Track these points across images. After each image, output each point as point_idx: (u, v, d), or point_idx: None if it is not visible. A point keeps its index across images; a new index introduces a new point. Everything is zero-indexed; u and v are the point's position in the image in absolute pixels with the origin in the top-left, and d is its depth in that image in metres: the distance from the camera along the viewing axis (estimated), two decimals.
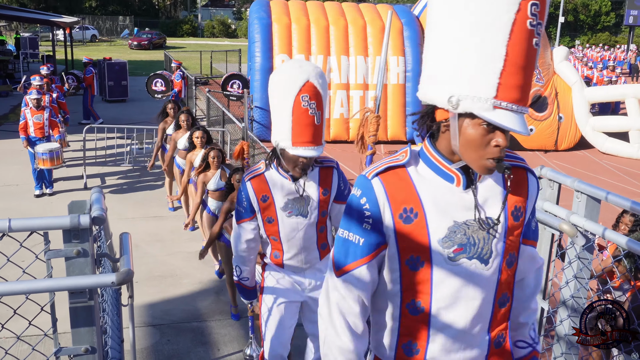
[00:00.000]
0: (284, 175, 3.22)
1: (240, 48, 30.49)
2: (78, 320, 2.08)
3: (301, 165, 3.08)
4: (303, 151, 3.00)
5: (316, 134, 3.03)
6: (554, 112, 15.12)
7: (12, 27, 43.79)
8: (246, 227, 3.35)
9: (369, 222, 1.76)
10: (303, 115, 2.97)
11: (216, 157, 6.40)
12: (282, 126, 3.03)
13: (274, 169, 3.24)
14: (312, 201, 3.28)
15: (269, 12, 14.86)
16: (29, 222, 1.99)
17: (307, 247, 3.36)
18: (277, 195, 3.22)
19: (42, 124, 9.37)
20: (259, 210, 3.28)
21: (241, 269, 3.54)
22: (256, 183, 3.25)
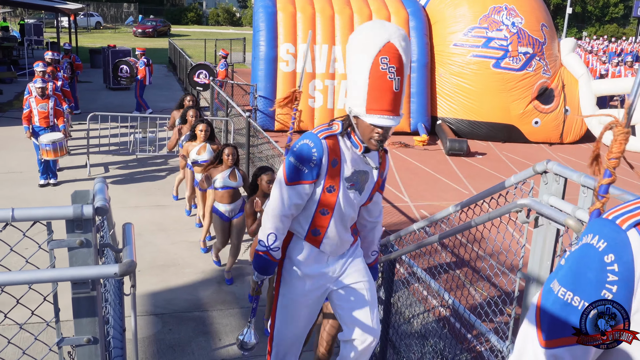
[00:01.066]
0: (356, 144, 2.95)
1: (244, 37, 30.43)
2: (80, 311, 2.08)
3: (377, 137, 2.82)
4: (378, 119, 2.76)
5: (395, 101, 2.77)
6: (560, 104, 15.05)
7: (17, 13, 43.73)
8: (301, 190, 2.96)
9: (612, 290, 1.29)
10: (381, 79, 2.72)
11: (231, 155, 6.23)
12: (358, 90, 2.78)
13: (346, 135, 2.97)
14: (372, 180, 3.08)
15: (274, 0, 14.79)
16: (32, 211, 1.98)
17: (347, 227, 3.15)
18: (346, 163, 2.96)
19: (47, 113, 9.22)
20: (325, 175, 2.95)
21: (276, 237, 3.09)
22: (330, 143, 2.93)
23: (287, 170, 2.97)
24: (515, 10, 14.86)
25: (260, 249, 3.13)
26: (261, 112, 14.23)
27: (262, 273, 3.23)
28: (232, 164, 6.26)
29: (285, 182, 2.97)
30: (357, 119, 2.85)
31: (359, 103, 2.78)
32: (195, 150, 7.09)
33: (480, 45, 14.69)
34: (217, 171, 6.23)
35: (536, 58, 14.81)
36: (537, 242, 2.99)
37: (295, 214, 3.07)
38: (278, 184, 3.02)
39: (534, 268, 3.00)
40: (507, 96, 14.69)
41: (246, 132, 9.22)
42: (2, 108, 15.28)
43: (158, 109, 15.96)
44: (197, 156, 7.09)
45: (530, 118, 14.85)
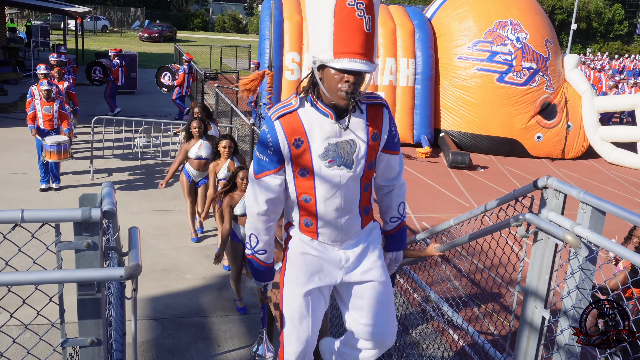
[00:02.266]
0: (323, 112, 2.55)
1: (250, 44, 30.53)
2: (85, 312, 2.12)
3: (347, 88, 2.40)
4: (349, 63, 2.35)
5: (366, 44, 2.38)
6: (563, 120, 15.10)
7: (24, 15, 43.97)
8: (269, 182, 2.65)
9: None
10: (348, 17, 2.34)
11: (245, 178, 5.60)
12: (322, 35, 2.40)
13: (310, 103, 2.58)
14: (360, 147, 2.61)
15: (281, 9, 14.88)
16: (41, 213, 2.03)
17: (348, 209, 2.70)
18: (314, 139, 2.56)
19: (51, 115, 9.20)
20: (290, 160, 2.60)
21: (257, 239, 2.80)
22: (287, 122, 2.56)
23: (253, 163, 2.72)
24: (520, 26, 14.93)
25: (247, 252, 2.90)
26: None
27: (257, 279, 2.97)
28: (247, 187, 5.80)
29: (253, 175, 2.72)
30: (322, 72, 2.46)
31: (324, 48, 2.40)
32: (225, 168, 6.66)
33: (485, 59, 14.75)
34: (234, 200, 5.65)
35: (540, 73, 14.87)
36: (535, 257, 3.03)
37: (275, 209, 2.75)
38: (250, 180, 2.78)
39: (532, 282, 3.04)
40: (510, 110, 14.74)
41: (250, 139, 9.26)
42: (6, 109, 15.35)
43: (162, 114, 16.02)
44: (228, 172, 6.56)
45: (533, 133, 14.89)
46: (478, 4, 15.28)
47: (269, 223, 2.79)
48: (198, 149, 7.40)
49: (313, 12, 2.45)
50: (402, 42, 14.96)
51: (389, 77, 14.79)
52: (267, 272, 2.94)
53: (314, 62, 2.47)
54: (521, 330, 3.11)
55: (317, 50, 2.45)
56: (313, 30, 2.47)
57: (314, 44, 2.48)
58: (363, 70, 2.38)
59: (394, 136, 2.76)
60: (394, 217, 2.97)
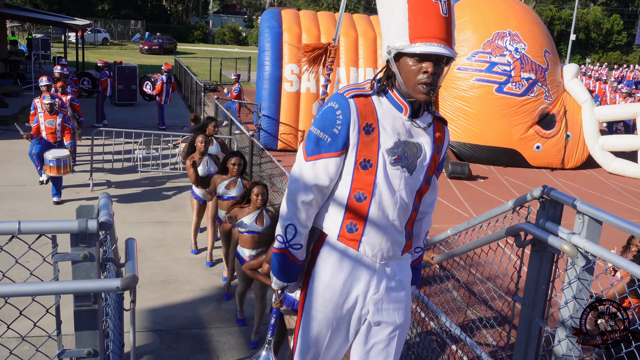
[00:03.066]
0: (398, 104, 2.34)
1: (250, 56, 30.64)
2: (82, 324, 2.12)
3: (426, 79, 2.21)
4: (427, 47, 2.17)
5: (444, 28, 2.21)
6: (562, 129, 15.12)
7: (25, 27, 44.17)
8: (324, 167, 2.33)
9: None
10: (423, 1, 2.20)
11: (260, 195, 5.40)
12: (396, 22, 2.25)
13: (385, 93, 2.36)
14: (426, 154, 2.41)
15: (280, 21, 14.95)
16: (38, 225, 2.03)
17: (398, 222, 2.41)
18: (385, 130, 2.31)
19: (55, 128, 9.17)
20: (356, 146, 2.31)
21: (296, 230, 2.43)
22: (362, 104, 2.31)
23: (306, 142, 2.39)
24: (518, 36, 14.99)
25: (277, 246, 2.50)
26: (265, 132, 14.32)
27: (281, 278, 2.57)
28: (261, 205, 5.44)
29: (304, 157, 2.38)
30: (399, 63, 2.26)
31: (400, 34, 2.22)
32: (224, 184, 6.37)
33: (484, 70, 14.80)
34: (243, 213, 5.46)
35: (538, 84, 14.91)
36: (533, 266, 3.03)
37: (320, 200, 2.42)
38: (297, 161, 2.43)
39: (530, 292, 3.04)
40: (509, 121, 14.76)
41: (249, 150, 9.29)
42: (6, 121, 15.38)
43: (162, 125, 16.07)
44: (226, 190, 6.37)
45: (532, 143, 14.91)
46: (476, 15, 15.35)
47: (312, 213, 2.45)
48: (206, 165, 7.16)
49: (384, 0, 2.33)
50: None
51: None
52: (295, 271, 2.54)
53: (388, 52, 2.28)
54: (519, 340, 3.11)
55: (391, 38, 2.26)
56: (386, 18, 2.32)
57: (387, 32, 2.31)
58: (443, 53, 2.18)
59: (444, 158, 2.60)
60: (418, 248, 2.74)
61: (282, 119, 14.43)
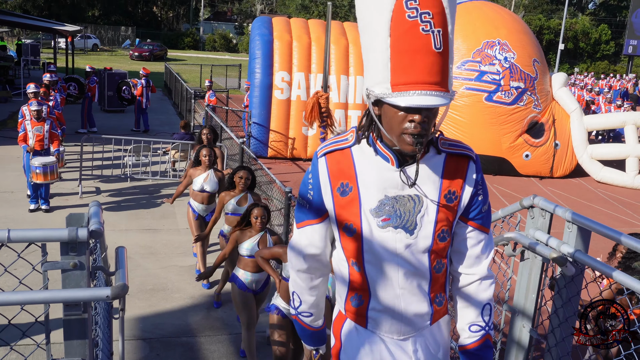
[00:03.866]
0: (383, 154, 1.97)
1: (240, 63, 30.65)
2: (71, 333, 2.11)
3: (412, 129, 1.81)
4: (412, 98, 1.77)
5: (437, 67, 1.77)
6: (551, 138, 15.23)
7: (14, 33, 43.97)
8: (310, 234, 2.13)
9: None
10: (409, 33, 1.74)
11: (260, 217, 5.11)
12: (375, 60, 1.84)
13: (368, 141, 2.01)
14: (427, 206, 1.98)
15: (271, 29, 14.97)
16: (27, 233, 2.02)
17: (410, 291, 2.04)
18: (367, 187, 1.97)
19: (42, 136, 9.05)
20: (333, 211, 2.04)
21: (300, 299, 2.29)
22: (334, 161, 2.02)
23: (295, 208, 2.23)
24: (507, 46, 15.10)
25: (292, 311, 2.39)
26: (255, 139, 14.32)
27: (306, 342, 2.45)
28: (261, 228, 5.15)
29: (295, 223, 2.22)
30: (381, 108, 1.90)
31: (380, 78, 1.83)
32: (235, 201, 6.10)
33: (473, 79, 14.89)
34: (244, 236, 5.17)
35: (527, 93, 15.01)
36: (523, 275, 3.05)
37: (319, 268, 2.21)
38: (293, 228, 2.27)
39: (519, 300, 3.05)
40: (499, 129, 14.85)
41: (239, 158, 9.28)
42: None
43: (152, 132, 16.03)
44: (237, 207, 6.08)
45: (521, 151, 15.00)
46: (466, 24, 15.45)
47: (313, 282, 2.24)
48: (204, 180, 6.78)
49: (364, 30, 1.89)
50: None
51: None
52: (314, 336, 2.41)
53: (367, 96, 1.91)
54: (509, 349, 3.12)
55: (371, 82, 1.88)
56: (365, 52, 1.92)
57: (367, 72, 1.92)
58: (431, 105, 1.78)
59: (481, 202, 2.05)
60: (474, 325, 2.14)
61: (273, 127, 14.44)
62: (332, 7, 5.68)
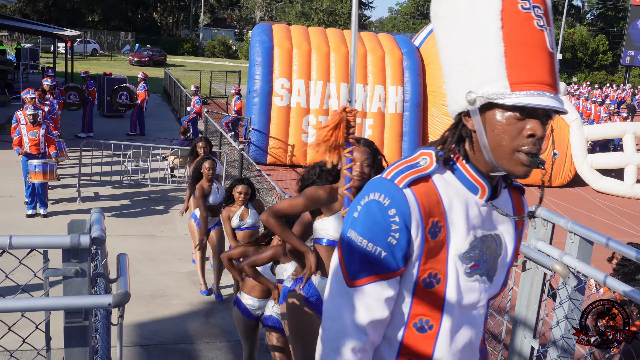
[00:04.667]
0: (472, 184, 1.60)
1: (240, 69, 30.70)
2: (72, 340, 2.09)
3: (531, 145, 1.53)
4: (537, 97, 1.45)
5: (553, 69, 1.51)
6: (549, 148, 15.15)
7: (14, 37, 44.00)
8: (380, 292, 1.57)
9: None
10: (524, 26, 1.46)
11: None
12: (482, 54, 1.48)
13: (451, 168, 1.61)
14: (507, 248, 1.72)
15: (271, 35, 15.01)
16: (29, 239, 2.01)
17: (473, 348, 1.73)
18: (455, 225, 1.59)
19: (38, 140, 8.96)
20: (420, 257, 1.56)
21: None
22: (423, 194, 1.55)
23: (345, 258, 1.60)
24: None
25: None
26: (254, 145, 14.33)
27: None
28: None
29: (345, 281, 1.60)
30: (485, 116, 1.50)
31: (492, 76, 1.47)
32: (238, 215, 5.88)
33: None
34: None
35: None
36: (524, 286, 3.04)
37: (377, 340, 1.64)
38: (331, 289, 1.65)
39: (521, 311, 3.04)
40: None
41: (239, 164, 9.27)
42: None
43: (151, 138, 16.02)
44: (240, 222, 5.88)
45: None
46: None
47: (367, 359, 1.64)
48: (217, 192, 6.68)
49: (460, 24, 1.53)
50: (391, 70, 15.10)
51: (377, 104, 14.91)
52: None
53: (471, 102, 1.50)
54: (511, 359, 3.10)
55: (475, 82, 1.49)
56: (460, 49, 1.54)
57: (465, 71, 1.53)
58: (560, 108, 1.50)
59: None
60: None
61: (272, 133, 14.45)
62: (332, 15, 5.65)
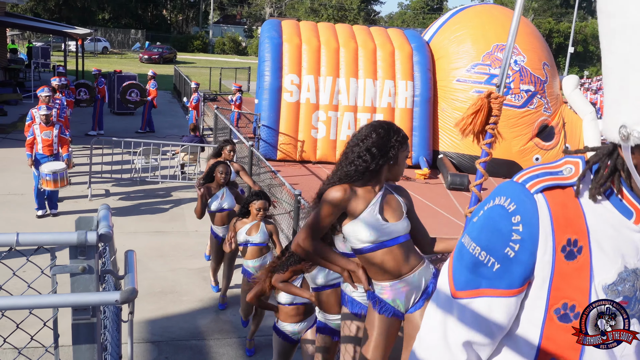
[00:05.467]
0: (625, 207, 1.34)
1: (249, 66, 30.70)
2: (80, 337, 2.08)
3: None
4: None
5: None
6: (561, 142, 15.14)
7: (25, 36, 44.25)
8: (487, 309, 1.37)
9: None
10: None
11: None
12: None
13: (609, 192, 1.36)
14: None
15: (280, 31, 14.99)
16: (36, 237, 2.00)
17: None
18: (602, 250, 1.32)
19: (51, 140, 8.89)
20: (549, 279, 1.32)
21: None
22: (558, 204, 1.34)
23: (454, 263, 1.45)
24: (517, 49, 15.04)
25: None
26: (264, 141, 14.32)
27: None
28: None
29: (450, 290, 1.45)
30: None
31: None
32: (245, 230, 5.41)
33: (483, 82, 14.83)
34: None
35: (537, 96, 14.94)
36: None
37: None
38: (439, 294, 1.50)
39: None
40: (509, 132, 14.77)
41: (249, 160, 9.27)
42: (5, 129, 15.37)
43: (162, 135, 16.06)
44: (247, 237, 5.40)
45: (531, 154, 14.93)
46: (476, 28, 15.41)
47: None
48: (220, 199, 6.33)
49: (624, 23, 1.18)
50: (401, 65, 15.05)
51: (387, 99, 14.86)
52: None
53: (624, 138, 1.21)
54: None
55: (632, 114, 1.20)
56: (615, 65, 1.24)
57: (617, 96, 1.24)
58: None
59: None
60: None
61: (282, 129, 14.44)
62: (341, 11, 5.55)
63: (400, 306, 2.93)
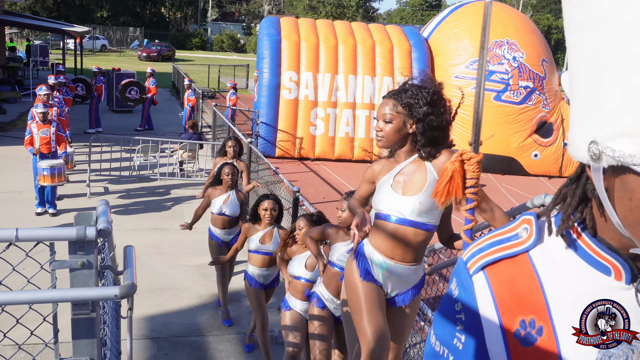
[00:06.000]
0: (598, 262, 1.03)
1: (248, 63, 30.69)
2: (79, 332, 2.10)
3: None
4: None
5: None
6: (560, 138, 15.16)
7: (24, 34, 44.20)
8: None
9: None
10: None
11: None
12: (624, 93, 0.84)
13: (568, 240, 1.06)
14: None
15: (279, 29, 14.99)
16: (35, 232, 2.01)
17: None
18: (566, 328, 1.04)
19: (49, 138, 8.86)
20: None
21: None
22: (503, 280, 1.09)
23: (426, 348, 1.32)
24: (516, 45, 15.05)
25: None
26: (262, 138, 14.33)
27: None
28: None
29: None
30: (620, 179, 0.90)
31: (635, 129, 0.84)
32: (258, 237, 5.12)
33: None
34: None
35: (536, 92, 14.95)
36: None
37: None
38: None
39: None
40: (507, 129, 14.80)
41: (247, 157, 9.28)
42: (4, 127, 15.36)
43: (160, 132, 16.07)
44: (260, 245, 5.11)
45: (530, 151, 14.94)
46: (474, 24, 15.40)
47: None
48: (223, 202, 6.01)
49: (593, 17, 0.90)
50: (400, 61, 15.05)
51: None
52: None
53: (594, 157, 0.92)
54: None
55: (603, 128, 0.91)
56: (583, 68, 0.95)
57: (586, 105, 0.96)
58: None
59: None
60: None
61: (280, 126, 14.45)
62: (340, 8, 5.55)
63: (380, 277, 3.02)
